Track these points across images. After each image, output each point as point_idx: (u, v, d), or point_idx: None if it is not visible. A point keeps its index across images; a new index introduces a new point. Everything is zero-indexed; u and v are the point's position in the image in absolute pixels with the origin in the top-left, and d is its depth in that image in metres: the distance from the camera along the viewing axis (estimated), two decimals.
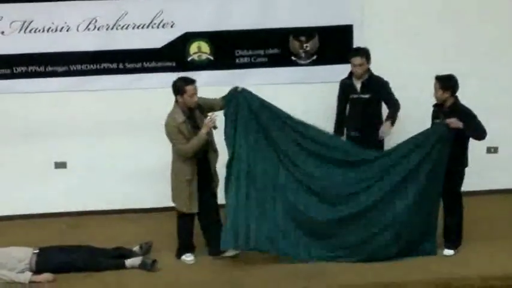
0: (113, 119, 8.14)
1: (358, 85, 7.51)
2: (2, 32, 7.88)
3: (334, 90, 7.78)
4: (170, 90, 6.82)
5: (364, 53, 7.42)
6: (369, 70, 7.49)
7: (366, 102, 7.47)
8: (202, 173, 6.90)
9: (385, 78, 7.49)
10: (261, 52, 8.15)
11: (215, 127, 6.79)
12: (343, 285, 6.56)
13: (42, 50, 7.96)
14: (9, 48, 7.92)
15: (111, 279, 6.74)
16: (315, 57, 8.18)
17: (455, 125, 6.73)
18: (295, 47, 8.16)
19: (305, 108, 8.03)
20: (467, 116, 6.81)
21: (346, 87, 7.63)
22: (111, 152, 8.21)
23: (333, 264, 6.87)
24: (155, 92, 7.95)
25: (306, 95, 8.18)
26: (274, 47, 8.15)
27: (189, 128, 6.77)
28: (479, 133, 6.82)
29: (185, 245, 7.10)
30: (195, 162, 6.83)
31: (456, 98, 6.92)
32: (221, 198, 7.08)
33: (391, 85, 7.46)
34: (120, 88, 8.06)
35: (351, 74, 7.56)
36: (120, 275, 6.81)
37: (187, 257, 7.04)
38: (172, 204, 7.51)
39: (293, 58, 8.18)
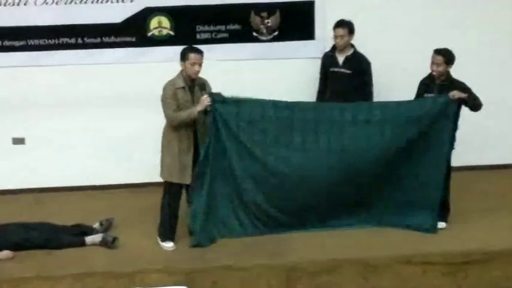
0: (71, 94, 8.04)
1: (340, 59, 7.53)
2: None
3: (296, 66, 7.79)
4: (130, 65, 6.74)
5: (347, 25, 7.44)
6: (352, 46, 7.52)
7: (347, 77, 7.45)
8: (196, 148, 6.72)
9: None
10: (222, 28, 8.09)
11: (209, 109, 6.53)
12: (305, 262, 6.59)
13: None
14: None
15: (72, 256, 6.69)
16: (276, 33, 8.15)
17: (460, 95, 6.62)
18: (256, 23, 8.12)
19: (267, 84, 8.02)
20: (464, 88, 6.73)
21: (327, 59, 7.65)
22: (70, 128, 8.11)
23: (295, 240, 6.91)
24: (115, 67, 7.89)
25: (268, 71, 8.15)
26: (236, 22, 8.10)
27: (185, 97, 6.56)
28: (478, 103, 6.74)
29: (166, 227, 6.83)
30: (190, 136, 6.64)
31: (448, 70, 6.88)
32: None
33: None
34: (78, 63, 7.96)
35: (334, 47, 7.57)
36: (80, 252, 6.77)
37: (167, 244, 6.82)
38: (132, 181, 7.49)
39: (254, 34, 8.14)
